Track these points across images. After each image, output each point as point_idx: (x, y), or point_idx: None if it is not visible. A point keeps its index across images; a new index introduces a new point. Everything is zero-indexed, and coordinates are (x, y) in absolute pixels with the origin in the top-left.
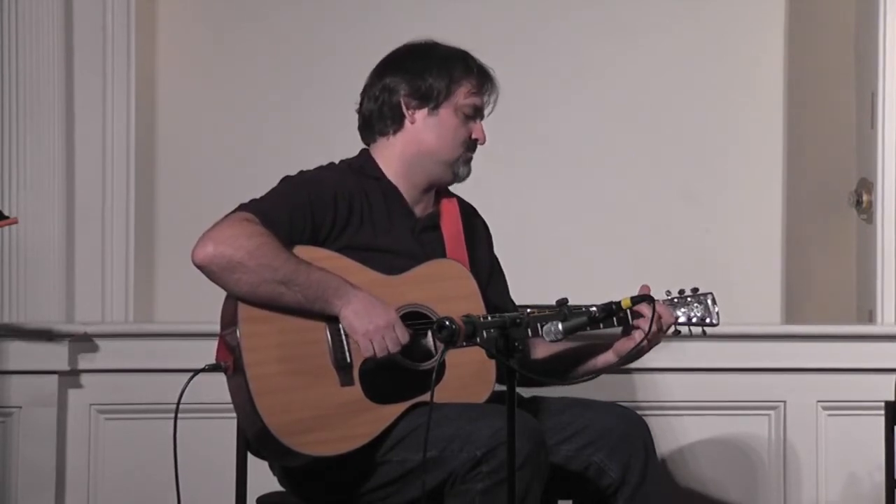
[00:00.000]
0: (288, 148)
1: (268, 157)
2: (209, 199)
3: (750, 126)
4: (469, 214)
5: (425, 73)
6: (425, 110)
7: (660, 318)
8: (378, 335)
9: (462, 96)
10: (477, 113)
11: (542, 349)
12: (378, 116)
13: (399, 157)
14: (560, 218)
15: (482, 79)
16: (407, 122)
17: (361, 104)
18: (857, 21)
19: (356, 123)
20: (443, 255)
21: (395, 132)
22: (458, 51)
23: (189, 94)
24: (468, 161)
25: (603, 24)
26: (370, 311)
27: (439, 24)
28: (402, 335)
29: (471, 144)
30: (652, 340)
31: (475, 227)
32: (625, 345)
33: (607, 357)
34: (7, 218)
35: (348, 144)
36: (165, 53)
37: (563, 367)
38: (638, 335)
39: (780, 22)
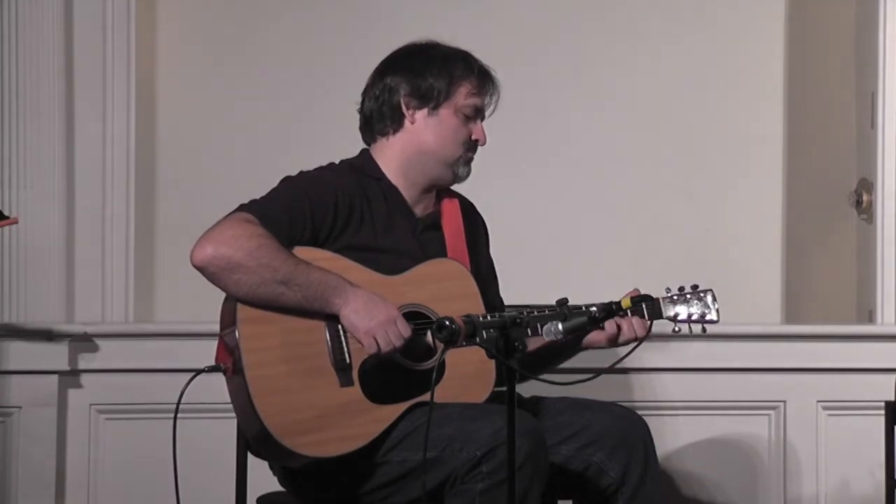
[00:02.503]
0: (288, 148)
1: (268, 157)
2: (209, 200)
3: (750, 126)
4: (470, 212)
5: (426, 72)
6: (425, 110)
7: (631, 326)
8: (380, 331)
9: (462, 96)
10: (477, 113)
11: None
12: (378, 116)
13: (399, 157)
14: (560, 217)
15: (483, 79)
16: (407, 122)
17: (363, 104)
18: (857, 21)
19: (357, 123)
20: (443, 254)
21: (394, 132)
22: (460, 51)
23: (189, 94)
24: (468, 161)
25: (603, 25)
26: (370, 309)
27: (440, 26)
28: (405, 329)
29: (471, 145)
30: (621, 341)
31: (476, 226)
32: (596, 336)
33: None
34: (7, 218)
35: (348, 145)
36: (165, 53)
37: (545, 358)
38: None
39: (780, 22)
